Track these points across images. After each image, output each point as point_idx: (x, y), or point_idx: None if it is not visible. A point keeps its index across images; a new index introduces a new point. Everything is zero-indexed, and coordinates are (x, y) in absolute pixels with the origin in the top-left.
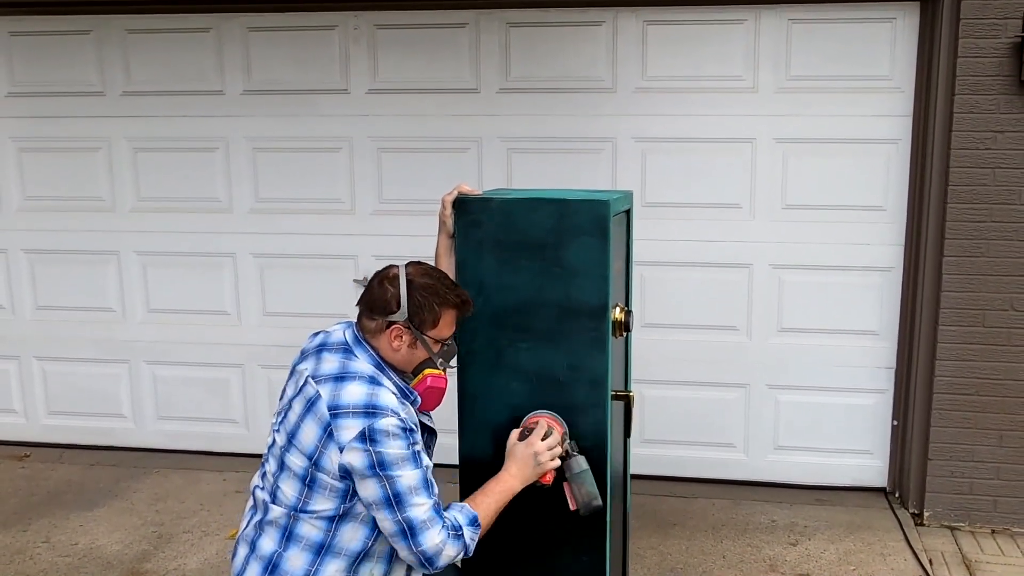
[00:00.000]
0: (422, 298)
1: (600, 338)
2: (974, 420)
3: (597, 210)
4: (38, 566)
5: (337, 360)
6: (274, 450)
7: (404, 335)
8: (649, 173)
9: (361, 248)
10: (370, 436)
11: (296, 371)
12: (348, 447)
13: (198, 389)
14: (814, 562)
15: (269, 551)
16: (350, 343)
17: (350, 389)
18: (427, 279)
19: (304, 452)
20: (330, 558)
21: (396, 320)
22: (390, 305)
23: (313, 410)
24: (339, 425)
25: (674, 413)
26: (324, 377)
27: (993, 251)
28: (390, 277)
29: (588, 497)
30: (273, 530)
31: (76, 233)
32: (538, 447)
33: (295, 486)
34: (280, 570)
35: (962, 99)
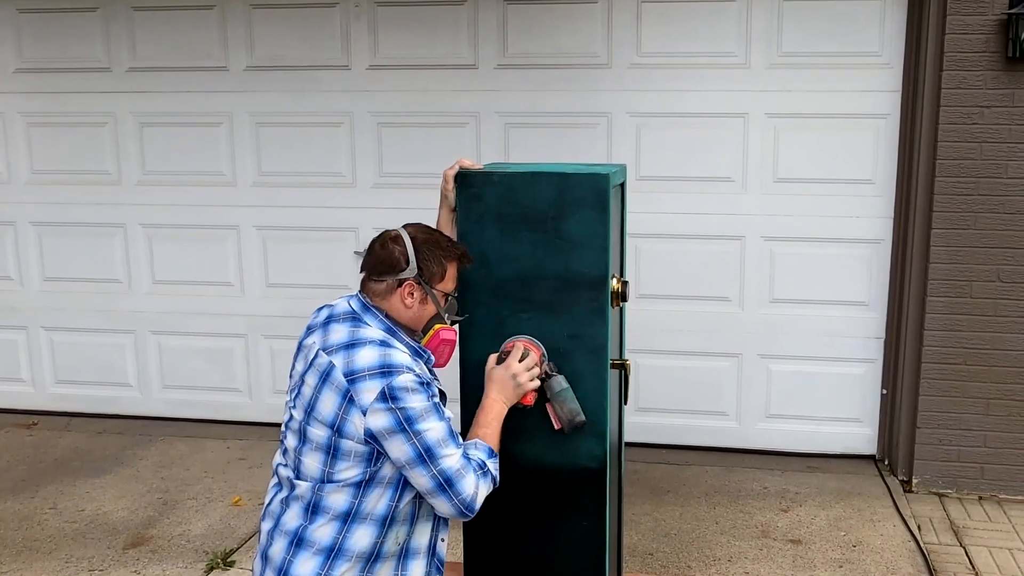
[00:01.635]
0: (429, 252)
1: (600, 308)
2: (961, 389)
3: (597, 183)
4: (45, 532)
5: (346, 329)
6: (292, 425)
7: (415, 291)
8: (643, 147)
9: (362, 221)
10: (391, 394)
11: (304, 346)
12: (371, 409)
13: (202, 359)
14: (805, 528)
15: (294, 526)
16: (358, 311)
17: (363, 353)
18: (428, 235)
19: (325, 422)
20: (357, 524)
21: (407, 276)
22: (399, 263)
23: (329, 380)
24: (358, 389)
25: (668, 382)
26: (335, 347)
27: (980, 224)
28: (392, 237)
29: (571, 414)
30: (297, 505)
31: (83, 206)
32: (516, 368)
33: (319, 457)
34: (306, 542)
35: (950, 75)
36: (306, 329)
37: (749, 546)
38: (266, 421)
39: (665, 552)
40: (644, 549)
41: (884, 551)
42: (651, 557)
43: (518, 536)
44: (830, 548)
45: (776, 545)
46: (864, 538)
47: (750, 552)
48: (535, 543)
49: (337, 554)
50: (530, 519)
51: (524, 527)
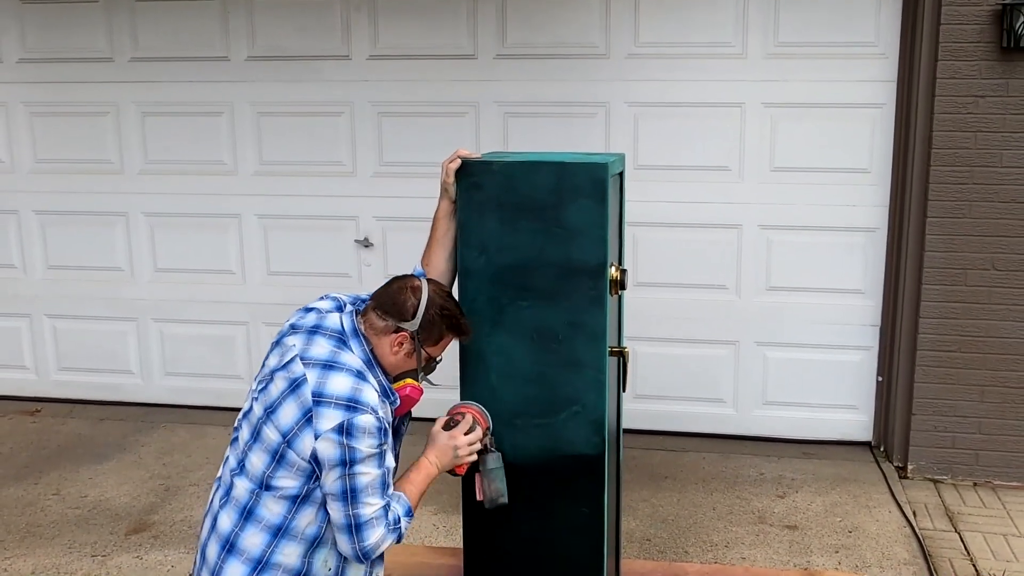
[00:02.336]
0: (437, 317)
1: (599, 296)
2: (956, 376)
3: (595, 172)
4: (49, 517)
5: (329, 347)
6: (250, 417)
7: (406, 343)
8: (641, 136)
9: (362, 209)
10: (348, 430)
11: (283, 343)
12: (323, 436)
13: (204, 346)
14: (801, 514)
15: (227, 530)
16: (347, 333)
17: (337, 380)
18: (443, 302)
19: (279, 429)
20: (286, 540)
21: (405, 328)
22: (406, 313)
23: (297, 391)
24: (320, 413)
25: (665, 369)
26: (313, 361)
27: (975, 212)
28: (414, 287)
29: (496, 494)
30: (233, 508)
31: (85, 195)
32: (459, 441)
33: (264, 458)
34: (237, 549)
35: (945, 65)
36: (290, 326)
37: (746, 532)
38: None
39: (663, 538)
40: (642, 535)
41: (880, 537)
42: (649, 543)
43: (517, 522)
44: (826, 534)
45: (773, 531)
46: (860, 524)
47: (747, 538)
48: (534, 529)
49: (264, 567)
50: (529, 505)
51: (523, 513)
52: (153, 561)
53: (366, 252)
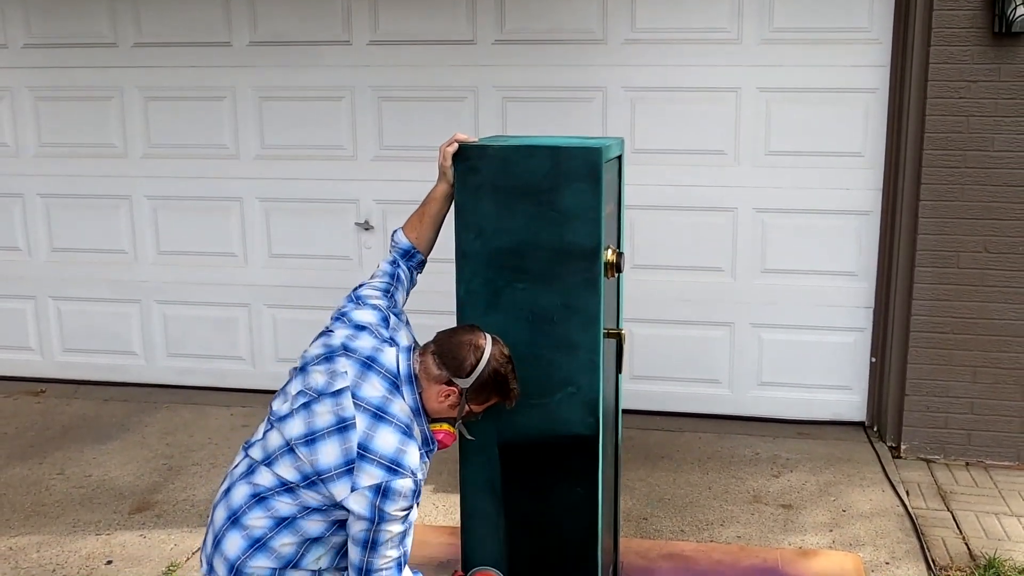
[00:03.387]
0: (490, 382)
1: (593, 279)
2: (949, 357)
3: (590, 157)
4: (53, 497)
5: (382, 390)
6: (284, 428)
7: (453, 396)
8: (638, 121)
9: (362, 192)
10: (384, 493)
11: (334, 362)
12: (360, 491)
13: (206, 327)
14: (796, 493)
15: (236, 504)
16: (401, 377)
17: (384, 435)
18: (500, 367)
19: (316, 465)
20: (288, 532)
21: (457, 384)
22: (463, 371)
23: (344, 435)
24: (362, 468)
25: (662, 351)
26: (365, 404)
27: (967, 195)
28: (477, 345)
29: None
30: (248, 488)
31: (89, 178)
32: None
33: (294, 475)
34: (240, 524)
35: (938, 50)
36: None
37: (741, 510)
38: (268, 388)
39: (659, 517)
40: (639, 514)
41: (873, 516)
42: (645, 522)
43: (513, 501)
44: (820, 512)
45: (768, 510)
46: (853, 503)
47: (742, 516)
48: (530, 508)
49: (261, 547)
50: (525, 485)
51: (519, 492)
52: (156, 539)
53: (366, 235)
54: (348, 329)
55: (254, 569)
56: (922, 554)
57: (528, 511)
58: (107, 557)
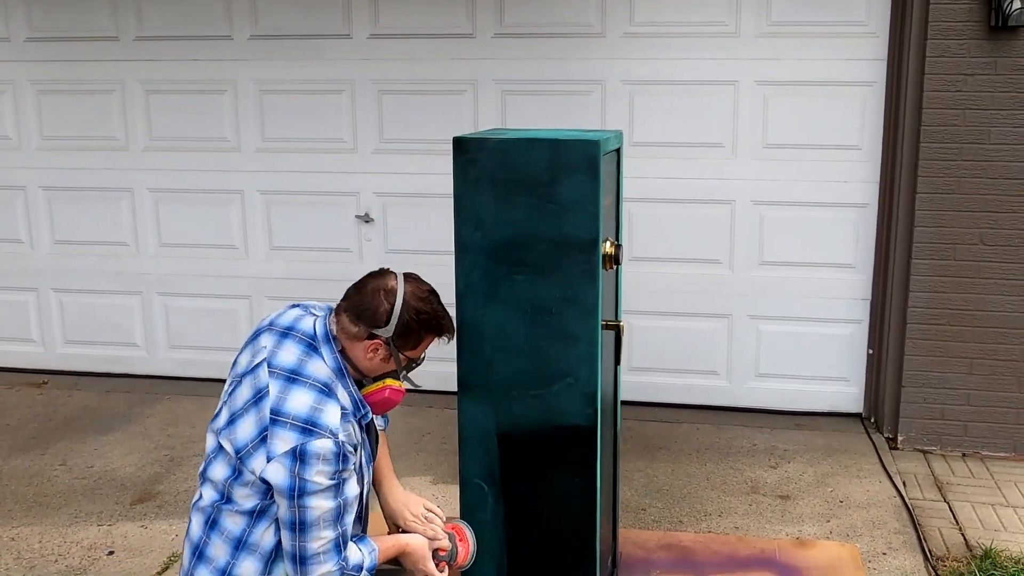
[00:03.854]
0: (413, 321)
1: (591, 271)
2: (945, 349)
3: (588, 149)
4: (55, 487)
5: (297, 353)
6: (214, 424)
7: (381, 349)
8: (636, 114)
9: (363, 185)
10: (300, 457)
11: (257, 341)
12: (275, 459)
13: (207, 320)
14: (793, 484)
15: (196, 536)
16: (318, 338)
17: (297, 396)
18: (420, 304)
19: (235, 444)
20: (246, 554)
21: (379, 335)
22: (379, 319)
23: (258, 405)
24: (275, 433)
25: (660, 342)
26: (278, 370)
27: (964, 188)
28: (387, 289)
29: None
30: (199, 515)
31: (91, 171)
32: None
33: (225, 471)
34: (206, 557)
35: (935, 44)
36: (268, 322)
37: (739, 501)
38: None
39: (658, 507)
40: (637, 505)
41: (870, 506)
42: (644, 512)
43: (512, 492)
44: (817, 503)
45: (765, 500)
46: (851, 494)
47: (740, 507)
48: (529, 499)
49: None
50: (524, 475)
51: (518, 483)
52: (158, 530)
53: (367, 227)
54: (286, 309)
55: None
56: (919, 545)
57: (527, 502)
58: (109, 547)
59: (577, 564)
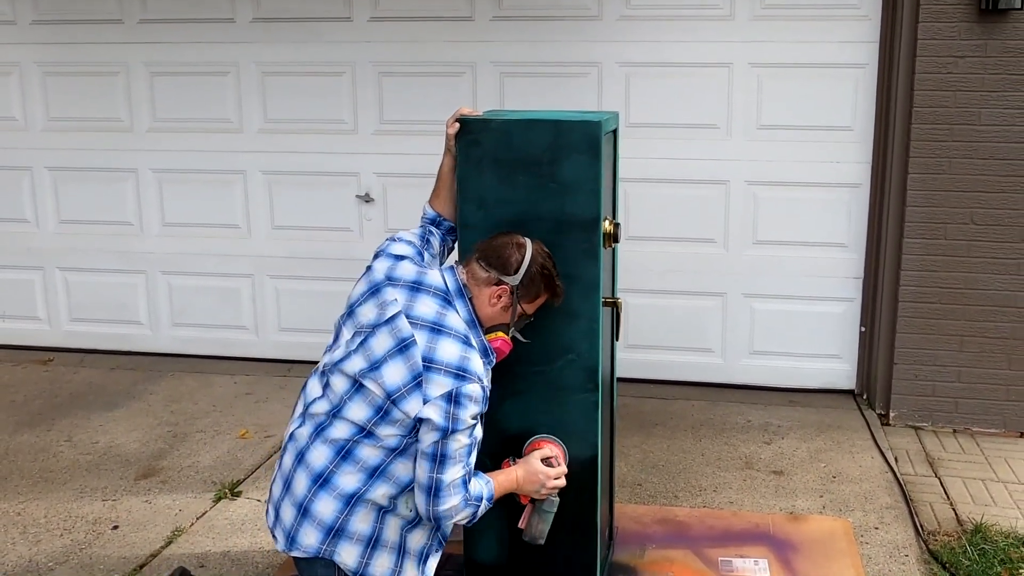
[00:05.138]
0: (538, 276)
1: (592, 249)
2: (936, 327)
3: (589, 130)
4: (61, 463)
5: (435, 307)
6: (346, 368)
7: (504, 297)
8: (632, 95)
9: (363, 165)
10: (456, 398)
11: (381, 295)
12: (433, 402)
13: (210, 298)
14: (787, 459)
15: (320, 466)
16: (451, 292)
17: (446, 346)
18: (545, 262)
19: (385, 388)
20: (381, 481)
21: (507, 282)
22: (510, 267)
23: (406, 353)
24: (431, 379)
25: (656, 320)
26: (420, 321)
27: (954, 168)
28: (519, 244)
29: (539, 534)
30: (327, 446)
31: (96, 152)
32: (550, 482)
33: (367, 411)
34: (331, 485)
35: (926, 26)
36: (385, 277)
37: (734, 477)
38: (272, 357)
39: (653, 482)
40: (633, 480)
41: (862, 481)
42: (640, 487)
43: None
44: (811, 479)
45: (759, 476)
46: (843, 469)
47: (735, 482)
48: None
49: (357, 502)
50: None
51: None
52: (162, 505)
53: (367, 207)
54: (388, 261)
55: (357, 525)
56: (910, 519)
57: None
58: (113, 522)
59: (578, 537)
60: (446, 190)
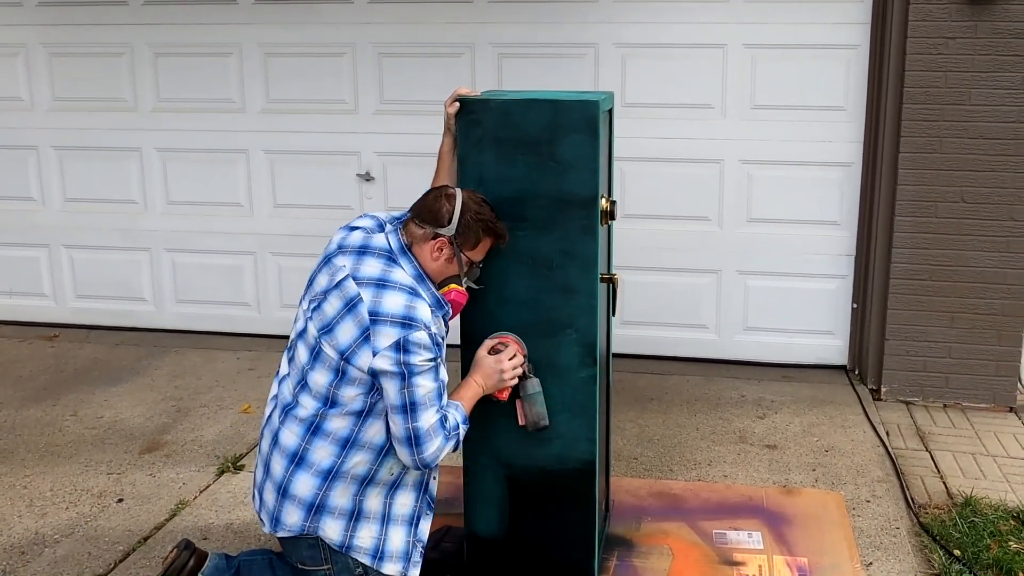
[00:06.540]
0: (472, 221)
1: (591, 226)
2: (927, 303)
3: (588, 109)
4: (66, 437)
5: (380, 265)
6: (307, 338)
7: (445, 248)
8: (628, 76)
9: (363, 145)
10: (404, 346)
11: (332, 263)
12: (382, 353)
13: (213, 275)
14: (780, 434)
15: (294, 445)
16: (395, 251)
17: (391, 297)
18: (478, 207)
19: (338, 348)
20: (355, 450)
21: (443, 233)
22: (442, 219)
23: (354, 311)
24: (377, 331)
25: (651, 297)
26: (366, 280)
27: (945, 148)
28: (448, 195)
29: (537, 417)
30: (297, 424)
31: (101, 131)
32: (504, 365)
33: (327, 375)
34: (306, 462)
35: (917, 8)
36: (336, 247)
37: (728, 451)
38: (274, 333)
39: (649, 456)
40: (629, 454)
41: (854, 455)
42: (636, 461)
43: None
44: (804, 453)
45: (753, 450)
46: (836, 443)
47: (729, 456)
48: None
49: (335, 476)
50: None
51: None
52: (166, 479)
53: (367, 185)
54: (342, 233)
55: (337, 500)
56: (902, 492)
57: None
58: (118, 495)
59: (576, 511)
60: (446, 170)
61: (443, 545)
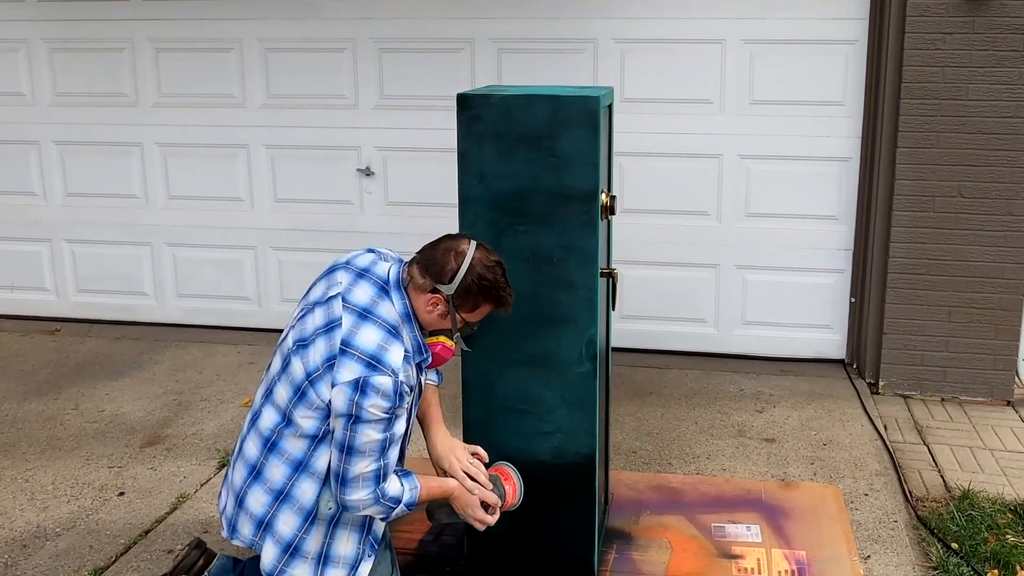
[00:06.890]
0: (474, 283)
1: (591, 221)
2: (925, 297)
3: (588, 105)
4: (68, 431)
5: (370, 294)
6: (283, 348)
7: (440, 305)
8: (627, 71)
9: (363, 140)
10: (362, 387)
11: (334, 275)
12: (339, 387)
13: (214, 269)
14: (778, 427)
15: (253, 457)
16: (390, 284)
17: (367, 332)
18: (486, 271)
19: (306, 366)
20: (305, 476)
21: (441, 291)
22: (444, 276)
23: (331, 333)
24: (342, 362)
25: (650, 291)
26: (352, 306)
27: (943, 143)
28: (458, 251)
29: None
30: (257, 436)
31: (102, 126)
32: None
33: (289, 391)
34: (262, 478)
35: (914, 3)
36: (346, 260)
37: (726, 444)
38: (274, 327)
39: (648, 450)
40: (628, 447)
41: (852, 449)
42: (634, 455)
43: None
44: (802, 446)
45: (752, 444)
46: (834, 437)
47: (727, 450)
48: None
49: (284, 499)
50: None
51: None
52: (166, 472)
53: (367, 180)
54: (361, 250)
55: (280, 527)
56: (899, 486)
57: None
58: (119, 489)
59: (577, 505)
60: None
61: (443, 538)
